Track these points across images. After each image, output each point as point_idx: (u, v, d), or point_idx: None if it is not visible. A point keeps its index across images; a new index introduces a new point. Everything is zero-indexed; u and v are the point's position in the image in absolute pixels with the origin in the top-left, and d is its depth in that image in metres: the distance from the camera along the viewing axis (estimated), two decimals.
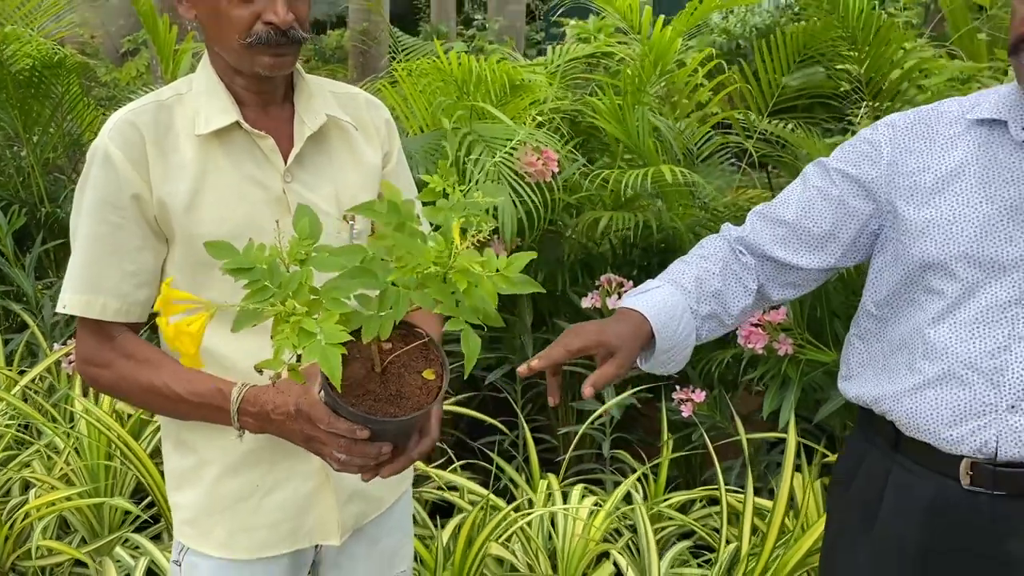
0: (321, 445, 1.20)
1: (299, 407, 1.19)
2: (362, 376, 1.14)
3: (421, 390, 1.14)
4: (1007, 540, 1.28)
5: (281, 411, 1.23)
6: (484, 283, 0.96)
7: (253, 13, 1.25)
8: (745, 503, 2.21)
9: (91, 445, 2.53)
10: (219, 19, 1.27)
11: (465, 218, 0.96)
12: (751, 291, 1.40)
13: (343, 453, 1.17)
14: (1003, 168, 1.25)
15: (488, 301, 0.98)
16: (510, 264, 0.98)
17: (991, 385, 1.24)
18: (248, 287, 0.98)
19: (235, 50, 1.28)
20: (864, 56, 2.81)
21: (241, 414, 1.27)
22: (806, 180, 1.41)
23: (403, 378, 1.15)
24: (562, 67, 3.08)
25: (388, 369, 1.15)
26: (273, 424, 1.25)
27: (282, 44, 1.27)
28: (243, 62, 1.29)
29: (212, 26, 1.29)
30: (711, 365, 2.61)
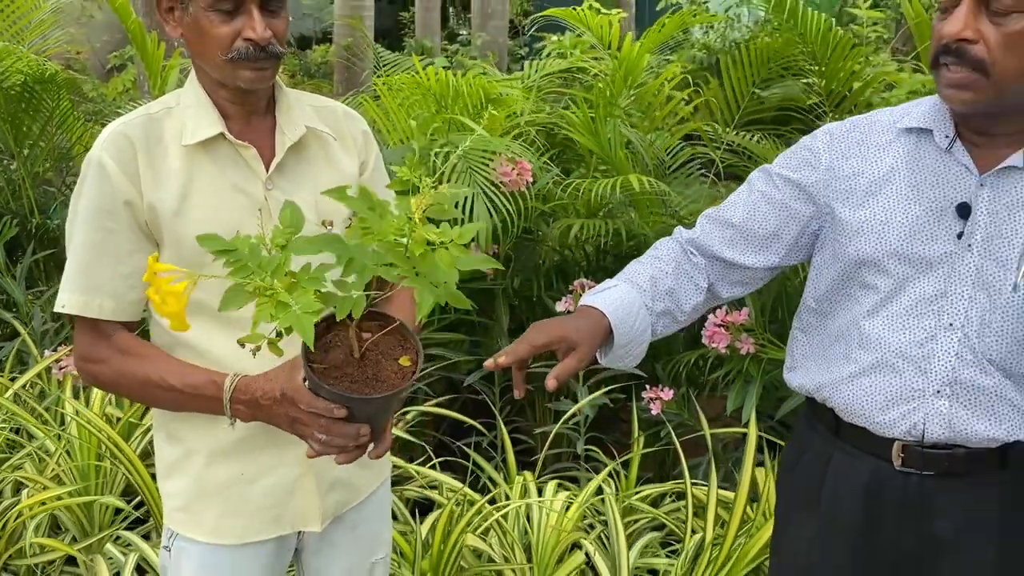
0: (303, 426, 1.28)
1: (284, 391, 1.28)
2: (341, 361, 1.24)
3: (397, 374, 1.24)
4: (935, 517, 1.38)
5: (268, 396, 1.32)
6: (440, 252, 1.06)
7: (234, 31, 1.35)
8: (709, 495, 2.32)
9: (82, 446, 2.61)
10: (202, 37, 1.36)
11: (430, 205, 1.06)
12: (702, 289, 1.50)
13: (323, 433, 1.26)
14: (929, 172, 1.36)
15: (447, 273, 1.07)
16: (461, 234, 1.08)
17: (919, 372, 1.35)
18: (230, 266, 1.07)
19: (218, 66, 1.38)
20: (825, 70, 2.94)
21: (233, 402, 1.35)
22: (751, 185, 1.51)
23: (380, 364, 1.25)
24: (538, 82, 3.19)
25: (366, 356, 1.25)
26: (262, 410, 1.34)
27: (261, 59, 1.37)
28: (226, 76, 1.39)
29: (196, 44, 1.39)
30: (679, 366, 2.72)
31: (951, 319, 1.33)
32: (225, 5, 1.33)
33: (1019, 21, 1.19)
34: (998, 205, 1.31)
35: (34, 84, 3.21)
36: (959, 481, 1.37)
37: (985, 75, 1.22)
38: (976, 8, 1.21)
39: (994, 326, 1.31)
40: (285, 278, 1.09)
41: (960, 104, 1.27)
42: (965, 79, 1.23)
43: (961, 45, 1.22)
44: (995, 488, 1.38)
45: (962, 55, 1.22)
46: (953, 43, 1.23)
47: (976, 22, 1.21)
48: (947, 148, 1.34)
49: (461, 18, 16.19)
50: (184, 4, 1.36)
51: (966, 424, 1.33)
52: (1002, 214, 1.31)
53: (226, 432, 1.45)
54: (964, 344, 1.32)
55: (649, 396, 2.62)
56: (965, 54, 1.22)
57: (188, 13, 1.36)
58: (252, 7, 1.34)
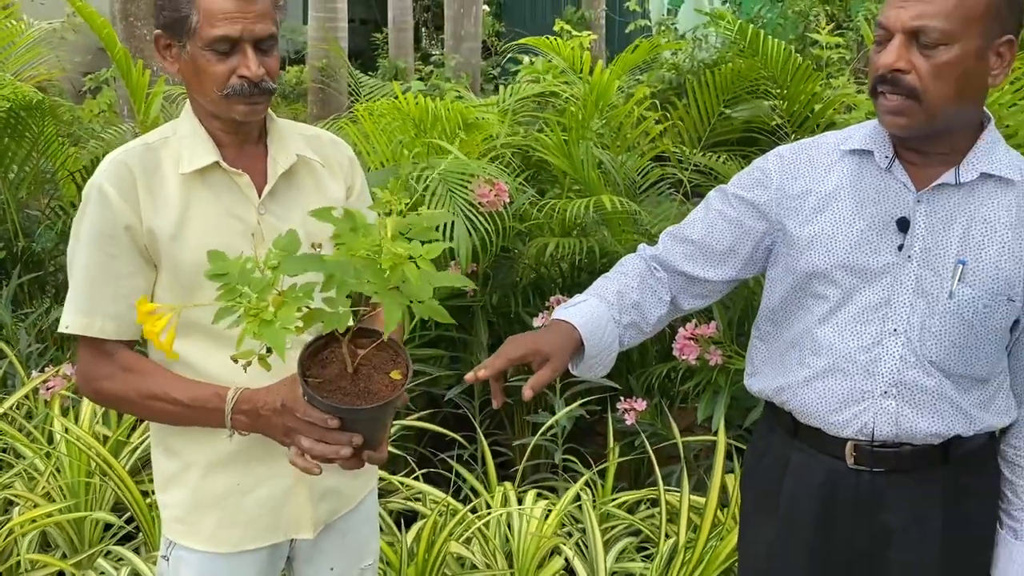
0: (297, 435, 1.36)
1: (284, 402, 1.37)
2: (336, 375, 1.33)
3: (388, 387, 1.33)
4: (885, 510, 1.50)
5: (269, 407, 1.39)
6: (408, 266, 1.15)
7: (229, 69, 1.43)
8: (682, 501, 2.42)
9: (71, 463, 2.66)
10: (199, 74, 1.45)
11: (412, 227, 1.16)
12: (665, 302, 1.60)
13: (317, 441, 1.34)
14: (871, 190, 1.48)
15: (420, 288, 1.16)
16: (429, 250, 1.18)
17: (867, 375, 1.46)
18: (221, 288, 1.17)
19: (214, 101, 1.46)
20: (787, 93, 3.08)
21: (235, 412, 1.42)
22: (709, 204, 1.62)
23: (372, 377, 1.34)
24: (513, 105, 3.31)
25: (359, 370, 1.34)
26: (261, 420, 1.41)
27: (255, 94, 1.46)
28: (221, 110, 1.48)
29: (193, 80, 1.48)
30: (651, 378, 2.83)
31: (895, 325, 1.44)
32: (222, 46, 1.42)
33: (946, 53, 1.32)
34: (934, 219, 1.43)
35: (19, 110, 3.28)
36: (906, 477, 1.48)
37: (918, 101, 1.34)
38: (908, 42, 1.34)
39: (933, 330, 1.42)
40: (276, 297, 1.19)
41: (896, 128, 1.39)
42: (900, 105, 1.36)
43: (895, 75, 1.35)
44: (939, 483, 1.49)
45: (897, 83, 1.35)
46: (888, 73, 1.35)
47: (908, 54, 1.34)
48: (887, 168, 1.46)
49: (433, 39, 16.36)
50: (182, 43, 1.45)
51: (911, 422, 1.45)
52: (937, 227, 1.43)
53: (223, 444, 1.52)
54: (907, 347, 1.43)
55: (623, 407, 2.73)
56: (899, 83, 1.35)
57: (185, 51, 1.45)
58: (247, 47, 1.43)
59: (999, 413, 1.49)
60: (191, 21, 1.41)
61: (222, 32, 1.40)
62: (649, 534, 2.54)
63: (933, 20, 1.31)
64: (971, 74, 1.34)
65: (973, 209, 1.42)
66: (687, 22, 9.86)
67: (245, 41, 1.42)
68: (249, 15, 1.41)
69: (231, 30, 1.41)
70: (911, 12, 1.32)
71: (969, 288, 1.41)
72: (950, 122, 1.38)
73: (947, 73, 1.33)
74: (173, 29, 1.45)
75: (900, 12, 1.34)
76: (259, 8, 1.43)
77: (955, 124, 1.40)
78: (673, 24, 7.60)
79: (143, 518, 2.55)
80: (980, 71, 1.35)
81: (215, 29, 1.40)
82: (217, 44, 1.41)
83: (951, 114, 1.37)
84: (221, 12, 1.40)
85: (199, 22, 1.41)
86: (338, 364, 1.34)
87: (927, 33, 1.31)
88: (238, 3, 1.41)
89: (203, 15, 1.40)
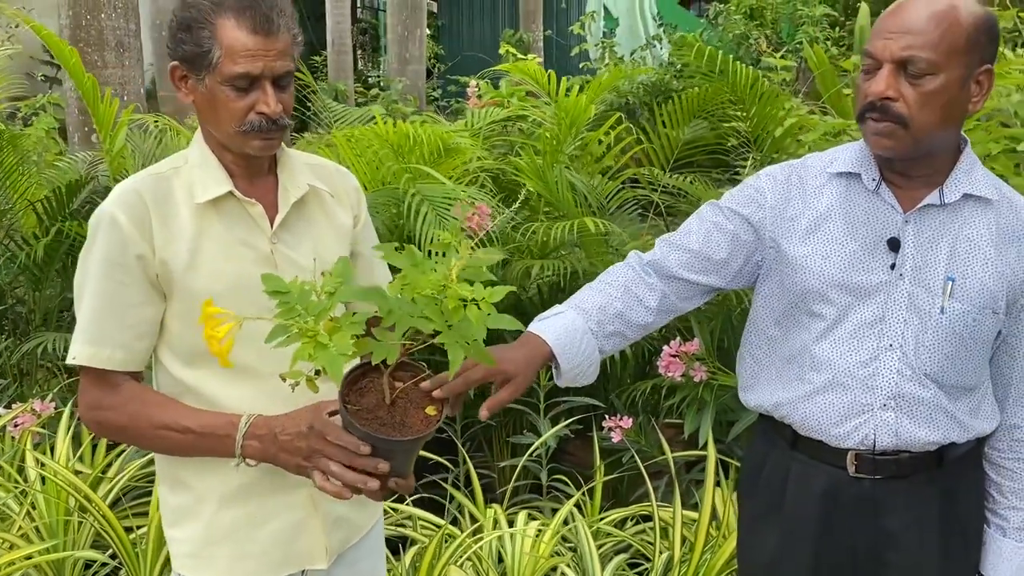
0: (322, 459, 1.34)
1: (312, 424, 1.36)
2: (373, 405, 1.34)
3: (422, 422, 1.34)
4: (885, 515, 1.57)
5: (291, 431, 1.38)
6: (471, 308, 1.18)
7: (247, 104, 1.43)
8: (675, 516, 2.47)
9: (48, 501, 2.59)
10: (216, 108, 1.45)
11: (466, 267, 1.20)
12: (651, 309, 1.62)
13: (342, 466, 1.33)
14: (860, 211, 1.55)
15: (476, 329, 1.19)
16: (492, 293, 1.21)
17: (867, 389, 1.53)
18: (280, 306, 1.19)
19: (229, 135, 1.46)
20: (751, 116, 3.18)
21: (247, 438, 1.41)
22: (702, 217, 1.66)
23: (408, 411, 1.35)
24: (483, 130, 3.35)
25: (396, 402, 1.35)
26: (277, 445, 1.39)
27: (272, 130, 1.46)
28: (235, 144, 1.48)
29: (209, 112, 1.47)
30: (635, 395, 2.88)
31: (890, 340, 1.51)
32: (242, 82, 1.42)
33: (932, 82, 1.40)
34: (922, 238, 1.50)
35: None
36: (904, 482, 1.55)
37: (904, 127, 1.42)
38: (896, 71, 1.41)
39: (927, 344, 1.50)
40: (329, 323, 1.20)
41: (883, 150, 1.47)
42: (887, 128, 1.43)
43: (885, 103, 1.42)
44: (934, 486, 1.56)
45: (886, 111, 1.42)
46: (878, 101, 1.42)
47: (896, 83, 1.41)
48: (874, 190, 1.53)
49: (370, 62, 16.35)
50: (200, 76, 1.44)
51: (910, 432, 1.52)
52: (926, 246, 1.50)
53: (236, 477, 1.51)
54: (903, 362, 1.50)
55: (610, 425, 2.77)
56: (888, 110, 1.42)
57: (203, 84, 1.44)
58: (266, 84, 1.43)
59: (986, 419, 1.57)
60: (212, 56, 1.41)
61: (243, 69, 1.41)
62: (640, 549, 2.57)
63: (920, 51, 1.39)
64: (954, 101, 1.43)
65: (957, 228, 1.50)
66: (626, 44, 10.09)
67: (265, 78, 1.43)
68: (270, 53, 1.42)
69: (252, 67, 1.41)
70: (900, 44, 1.40)
71: (959, 303, 1.48)
72: (933, 146, 1.46)
73: (933, 101, 1.41)
74: (192, 62, 1.44)
75: (889, 43, 1.41)
76: (280, 46, 1.43)
77: (937, 148, 1.48)
78: (612, 46, 7.75)
79: (127, 554, 2.49)
80: (962, 98, 1.44)
81: (236, 66, 1.40)
82: (237, 80, 1.42)
83: (934, 138, 1.45)
84: (243, 49, 1.40)
85: (220, 58, 1.41)
86: (375, 394, 1.36)
87: (915, 63, 1.39)
88: (260, 41, 1.41)
89: (225, 51, 1.40)
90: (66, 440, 2.79)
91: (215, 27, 1.40)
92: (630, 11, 11.72)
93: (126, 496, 2.75)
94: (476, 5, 15.94)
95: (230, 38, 1.40)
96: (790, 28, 6.96)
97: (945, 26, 1.39)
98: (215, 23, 1.41)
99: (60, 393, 3.25)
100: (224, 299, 1.48)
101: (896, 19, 1.42)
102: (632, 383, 3.09)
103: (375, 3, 16.83)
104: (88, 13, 4.59)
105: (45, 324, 3.52)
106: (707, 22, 7.46)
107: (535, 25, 12.70)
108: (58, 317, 3.58)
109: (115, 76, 4.68)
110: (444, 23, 16.14)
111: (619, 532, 2.60)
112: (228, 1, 1.41)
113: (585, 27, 8.75)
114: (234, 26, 1.40)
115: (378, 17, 16.37)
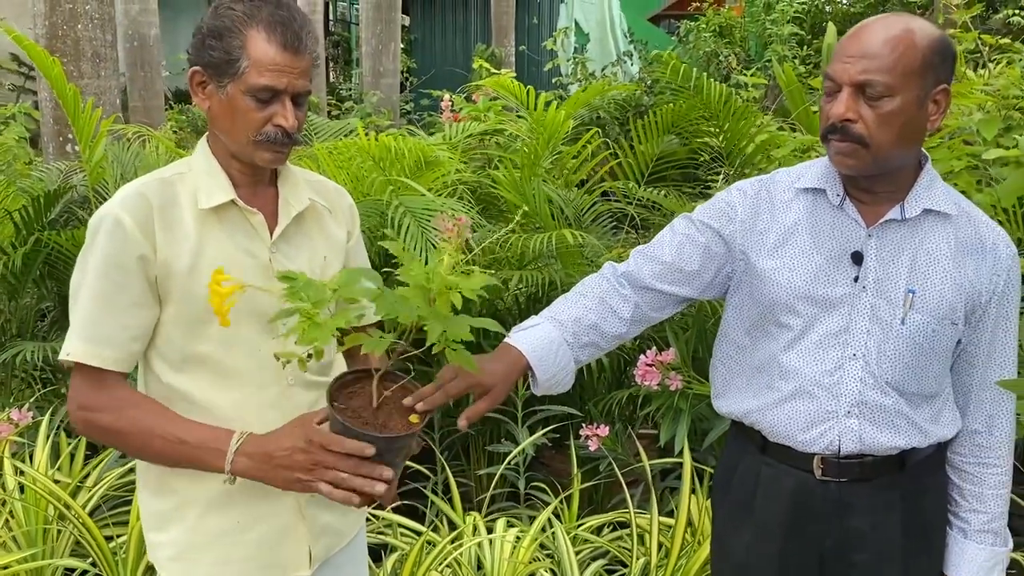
0: (325, 470, 1.37)
1: (310, 438, 1.38)
2: (361, 407, 1.39)
3: (404, 428, 1.38)
4: (851, 516, 1.63)
5: (286, 447, 1.40)
6: (454, 294, 1.28)
7: (266, 116, 1.48)
8: (651, 522, 2.52)
9: (27, 509, 2.58)
10: (234, 117, 1.49)
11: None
12: (624, 320, 1.68)
13: (352, 475, 1.36)
14: (826, 226, 1.61)
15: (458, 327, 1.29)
16: (472, 279, 1.29)
17: (832, 397, 1.59)
18: (287, 290, 1.28)
19: (242, 144, 1.50)
20: (724, 131, 3.27)
21: (238, 454, 1.43)
22: (675, 230, 1.72)
23: (392, 416, 1.40)
24: (462, 143, 3.40)
25: (381, 408, 1.39)
26: (271, 462, 1.41)
27: (285, 143, 1.51)
28: (246, 154, 1.52)
29: (224, 121, 1.51)
30: (612, 403, 2.93)
31: (854, 350, 1.57)
32: (264, 95, 1.46)
33: (889, 103, 1.47)
34: (884, 252, 1.57)
35: None
36: (868, 484, 1.62)
37: (865, 147, 1.49)
38: (855, 94, 1.48)
39: (889, 354, 1.56)
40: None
41: (846, 168, 1.54)
42: (849, 148, 1.50)
43: (845, 124, 1.49)
44: (897, 488, 1.63)
45: (846, 132, 1.49)
46: (839, 122, 1.50)
47: (856, 105, 1.48)
48: (839, 205, 1.60)
49: (342, 74, 16.35)
50: (223, 83, 1.47)
51: (873, 438, 1.58)
52: (887, 259, 1.57)
53: (221, 482, 1.53)
54: (866, 370, 1.57)
55: (587, 433, 2.82)
56: (848, 131, 1.49)
57: (224, 91, 1.48)
58: (286, 99, 1.48)
59: (947, 425, 1.64)
60: (240, 65, 1.45)
61: (268, 82, 1.45)
62: (617, 555, 2.62)
63: (877, 75, 1.46)
64: (912, 121, 1.50)
65: (918, 242, 1.57)
66: (597, 60, 10.22)
67: (287, 94, 1.48)
68: (295, 70, 1.47)
69: (277, 82, 1.45)
70: (857, 68, 1.47)
71: (919, 314, 1.55)
72: (893, 163, 1.53)
73: (891, 121, 1.48)
74: (217, 69, 1.47)
75: (847, 67, 1.48)
76: (303, 65, 1.48)
77: (898, 165, 1.55)
78: (583, 61, 7.87)
79: (106, 562, 2.49)
80: (920, 118, 1.51)
81: (262, 78, 1.45)
82: (261, 92, 1.46)
83: (894, 156, 1.52)
84: (271, 63, 1.45)
85: (247, 68, 1.45)
86: (364, 398, 1.40)
87: (872, 86, 1.46)
88: (288, 57, 1.45)
89: (253, 62, 1.45)
90: (45, 449, 2.78)
91: (246, 38, 1.45)
92: (601, 27, 11.88)
93: (105, 504, 2.75)
94: (449, 20, 16.03)
95: (260, 50, 1.45)
96: (758, 47, 7.11)
97: (901, 50, 1.46)
98: (247, 34, 1.45)
99: (37, 402, 3.23)
100: None
101: (854, 43, 1.49)
102: (608, 392, 3.14)
103: (347, 16, 16.85)
104: (65, 24, 4.59)
105: (21, 334, 3.50)
106: (677, 39, 7.59)
107: (507, 40, 12.80)
108: (34, 327, 3.57)
109: (91, 86, 4.68)
110: (416, 37, 16.20)
111: (597, 538, 2.64)
112: (262, 15, 1.46)
113: (558, 43, 8.87)
114: (265, 39, 1.45)
115: (350, 30, 16.38)
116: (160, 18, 9.34)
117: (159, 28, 9.17)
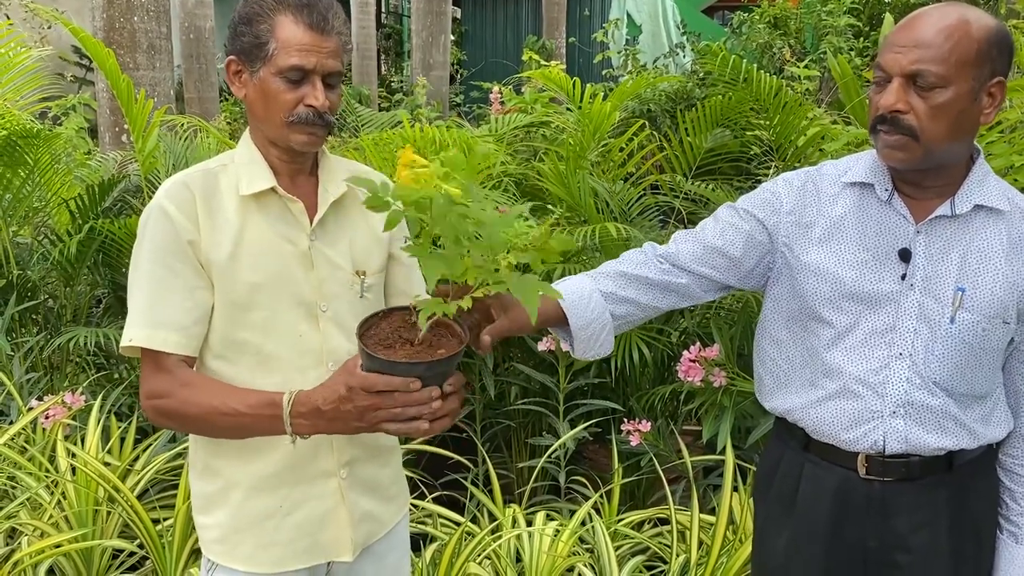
0: (377, 411, 1.33)
1: (349, 385, 1.34)
2: (392, 342, 1.34)
3: (447, 349, 1.33)
4: (895, 516, 1.59)
5: (332, 400, 1.37)
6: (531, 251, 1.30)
7: (297, 97, 1.51)
8: (692, 519, 2.50)
9: (78, 491, 2.65)
10: (267, 100, 1.52)
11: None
12: (655, 284, 1.65)
13: (401, 407, 1.33)
14: (873, 222, 1.58)
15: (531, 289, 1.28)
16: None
17: (877, 396, 1.55)
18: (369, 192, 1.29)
19: (277, 126, 1.53)
20: (774, 124, 3.21)
21: (294, 416, 1.41)
22: (719, 217, 1.70)
23: (432, 345, 1.34)
24: (507, 135, 3.39)
25: (422, 342, 1.34)
26: (324, 416, 1.39)
27: (317, 124, 1.53)
28: (281, 138, 1.54)
29: (259, 105, 1.54)
30: (654, 399, 2.91)
31: (900, 349, 1.53)
32: (294, 75, 1.50)
33: (941, 95, 1.42)
34: (932, 249, 1.53)
35: (18, 139, 3.28)
36: (914, 484, 1.58)
37: (915, 139, 1.45)
38: (906, 84, 1.44)
39: (937, 353, 1.52)
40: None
41: (895, 161, 1.50)
42: (899, 141, 1.46)
43: (895, 115, 1.45)
44: (944, 488, 1.58)
45: (896, 123, 1.45)
46: (888, 113, 1.45)
47: (906, 95, 1.44)
48: (887, 200, 1.56)
49: (394, 67, 16.48)
50: (255, 68, 1.52)
51: (919, 438, 1.54)
52: (936, 257, 1.53)
53: (265, 465, 1.56)
54: (913, 370, 1.53)
55: (627, 429, 2.80)
56: (898, 123, 1.45)
57: (257, 76, 1.52)
58: (316, 79, 1.51)
59: (997, 426, 1.59)
60: (268, 48, 1.49)
61: (297, 62, 1.49)
62: (657, 551, 2.60)
63: (929, 65, 1.41)
64: (965, 114, 1.45)
65: (968, 239, 1.52)
66: (649, 52, 10.12)
67: (316, 73, 1.51)
68: (323, 50, 1.50)
69: (306, 61, 1.49)
70: (909, 57, 1.43)
71: (968, 313, 1.51)
72: (944, 157, 1.49)
73: (943, 113, 1.43)
74: (249, 54, 1.52)
75: (899, 57, 1.44)
76: (332, 46, 1.52)
77: (949, 159, 1.50)
78: (635, 54, 7.79)
79: (153, 544, 2.55)
80: (973, 111, 1.46)
81: (291, 58, 1.49)
82: (290, 73, 1.49)
83: (946, 150, 1.47)
84: (298, 44, 1.49)
85: (276, 50, 1.49)
86: (394, 338, 1.36)
87: (924, 77, 1.42)
88: (315, 37, 1.49)
89: (281, 44, 1.49)
90: (96, 432, 2.85)
91: (274, 21, 1.50)
92: (653, 19, 11.75)
93: (153, 488, 2.81)
94: (500, 12, 16.04)
95: (287, 32, 1.49)
96: (814, 38, 6.97)
97: (955, 39, 1.41)
98: (274, 18, 1.50)
99: (90, 387, 3.31)
100: (263, 290, 1.54)
101: (906, 33, 1.45)
102: (651, 388, 3.11)
103: (399, 8, 16.96)
104: (122, 16, 4.69)
105: (75, 319, 3.59)
106: (730, 31, 7.48)
107: (558, 32, 12.76)
108: (88, 313, 3.66)
109: (146, 78, 4.78)
110: (468, 29, 16.25)
111: (636, 534, 2.62)
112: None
113: (608, 35, 8.80)
114: (292, 21, 1.49)
115: (402, 23, 16.49)
116: (215, 12, 9.51)
117: (214, 21, 9.34)
